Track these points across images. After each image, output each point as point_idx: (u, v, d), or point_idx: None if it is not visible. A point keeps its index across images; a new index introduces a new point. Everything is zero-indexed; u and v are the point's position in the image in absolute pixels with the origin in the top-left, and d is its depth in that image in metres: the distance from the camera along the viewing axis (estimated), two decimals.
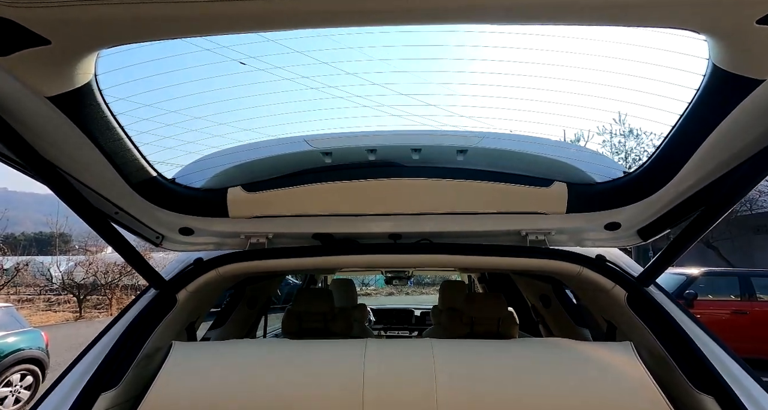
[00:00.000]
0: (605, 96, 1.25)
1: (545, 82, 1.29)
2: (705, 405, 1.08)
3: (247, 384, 1.12)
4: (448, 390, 1.10)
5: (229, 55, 1.25)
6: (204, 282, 1.46)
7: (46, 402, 1.16)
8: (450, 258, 1.48)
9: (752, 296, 7.10)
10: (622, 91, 1.22)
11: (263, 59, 1.33)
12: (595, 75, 1.22)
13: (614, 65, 1.14)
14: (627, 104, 1.27)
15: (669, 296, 1.37)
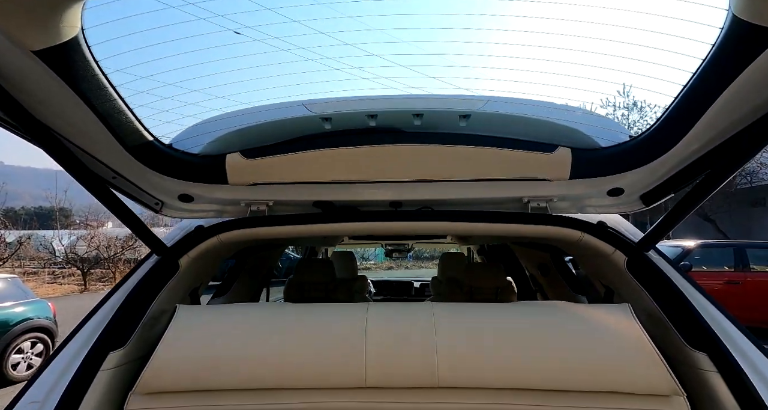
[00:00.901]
0: (610, 67, 1.22)
1: (549, 54, 1.25)
2: (699, 361, 1.11)
3: (250, 344, 1.14)
4: (449, 349, 1.13)
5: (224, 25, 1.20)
6: (205, 249, 1.47)
7: (58, 359, 1.20)
8: (451, 225, 1.48)
9: (746, 267, 7.24)
10: (628, 61, 1.19)
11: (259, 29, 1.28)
12: (600, 44, 1.18)
13: (620, 34, 1.10)
14: (632, 74, 1.24)
15: (668, 260, 1.39)
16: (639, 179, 1.35)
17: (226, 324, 1.20)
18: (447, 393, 1.15)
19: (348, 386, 1.14)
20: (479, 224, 1.46)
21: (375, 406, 1.15)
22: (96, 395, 1.10)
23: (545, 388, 1.11)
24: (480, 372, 1.12)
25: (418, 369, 1.13)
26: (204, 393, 1.15)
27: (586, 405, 1.11)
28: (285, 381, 1.13)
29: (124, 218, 1.26)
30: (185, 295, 1.56)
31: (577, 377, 1.09)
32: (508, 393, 1.13)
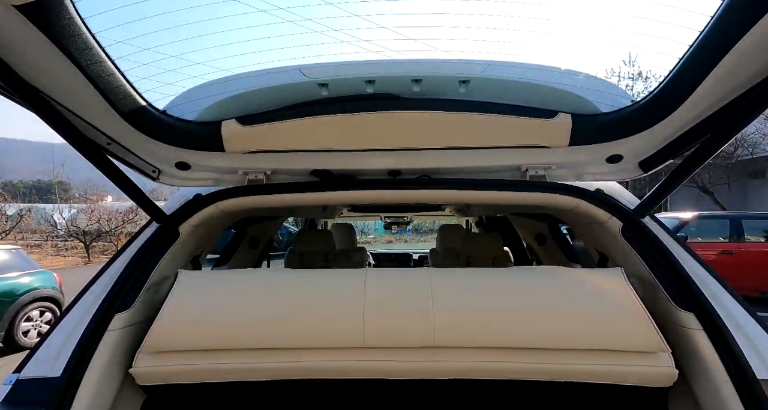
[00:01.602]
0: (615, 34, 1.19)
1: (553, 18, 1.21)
2: (686, 320, 1.15)
3: (251, 306, 1.18)
4: (444, 310, 1.17)
5: None
6: (205, 217, 1.48)
7: (66, 321, 1.24)
8: (449, 193, 1.49)
9: (741, 237, 7.34)
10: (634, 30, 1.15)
11: None
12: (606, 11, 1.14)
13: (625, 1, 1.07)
14: (638, 43, 1.21)
15: (663, 225, 1.41)
16: (639, 144, 1.34)
17: (227, 287, 1.23)
18: (442, 352, 1.20)
19: (347, 346, 1.18)
20: (477, 193, 1.47)
21: (373, 365, 1.20)
22: (105, 353, 1.15)
23: (537, 347, 1.16)
24: (475, 332, 1.16)
25: (414, 330, 1.17)
26: (208, 352, 1.20)
27: (575, 361, 1.16)
28: (285, 342, 1.18)
29: (122, 185, 1.26)
30: (187, 262, 1.58)
31: (568, 336, 1.13)
32: (502, 351, 1.18)
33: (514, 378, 1.20)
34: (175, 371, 1.19)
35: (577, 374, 1.17)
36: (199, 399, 1.32)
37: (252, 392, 1.28)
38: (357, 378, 1.23)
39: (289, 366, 1.20)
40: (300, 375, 1.22)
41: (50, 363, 1.16)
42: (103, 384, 1.13)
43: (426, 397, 1.32)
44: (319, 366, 1.20)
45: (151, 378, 1.21)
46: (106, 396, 1.15)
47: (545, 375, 1.19)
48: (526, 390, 1.24)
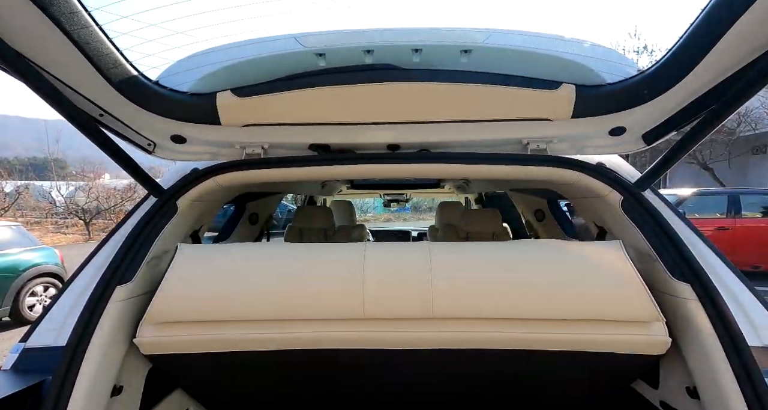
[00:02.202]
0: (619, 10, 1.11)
1: None
2: (681, 291, 1.17)
3: (251, 279, 1.19)
4: (443, 282, 1.18)
5: None
6: (203, 191, 1.47)
7: (68, 293, 1.26)
8: (449, 167, 1.47)
9: (737, 213, 7.39)
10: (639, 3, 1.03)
11: None
12: None
13: None
14: (643, 14, 1.08)
15: (662, 198, 1.40)
16: (643, 116, 1.32)
17: (227, 260, 1.23)
18: (441, 322, 1.22)
19: (347, 317, 1.20)
20: (477, 167, 1.46)
21: (372, 335, 1.22)
22: (108, 324, 1.17)
23: (535, 318, 1.18)
24: (473, 303, 1.18)
25: (413, 302, 1.19)
26: (210, 323, 1.22)
27: (571, 331, 1.19)
28: (285, 313, 1.19)
29: (117, 158, 1.24)
30: (186, 236, 1.59)
31: (565, 306, 1.15)
32: (500, 322, 1.20)
33: (511, 348, 1.23)
34: (178, 341, 1.22)
35: (572, 343, 1.20)
36: (202, 368, 1.35)
37: (255, 361, 1.31)
38: (357, 348, 1.26)
39: (290, 336, 1.22)
40: (300, 346, 1.25)
41: (54, 334, 1.19)
42: (107, 352, 1.16)
43: (425, 365, 1.36)
44: (320, 336, 1.23)
45: (155, 348, 1.24)
46: (111, 364, 1.18)
47: (542, 345, 1.21)
48: (522, 358, 1.27)
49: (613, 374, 1.39)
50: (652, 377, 1.38)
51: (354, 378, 1.50)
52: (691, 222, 1.37)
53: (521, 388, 1.53)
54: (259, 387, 1.56)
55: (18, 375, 1.10)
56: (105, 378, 1.16)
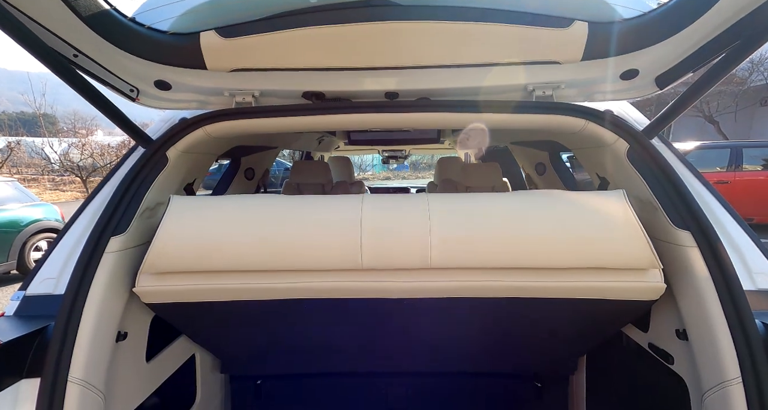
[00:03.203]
0: None
1: None
2: (681, 239, 1.17)
3: (246, 231, 1.18)
4: (442, 233, 1.17)
5: None
6: (192, 142, 1.42)
7: (63, 243, 1.26)
8: (449, 116, 1.41)
9: (738, 167, 7.36)
10: None
11: None
12: None
13: None
14: None
15: (670, 146, 1.36)
16: (658, 57, 1.23)
17: (221, 211, 1.22)
18: (439, 272, 1.23)
19: (344, 268, 1.21)
20: (480, 115, 1.39)
21: (370, 285, 1.24)
22: (105, 273, 1.18)
23: (534, 266, 1.19)
24: (472, 253, 1.18)
25: (411, 253, 1.18)
26: (207, 273, 1.23)
27: (569, 279, 1.20)
28: (281, 264, 1.19)
29: (98, 104, 1.17)
30: (179, 189, 1.56)
31: (564, 255, 1.15)
32: (498, 271, 1.21)
33: (509, 296, 1.25)
34: (176, 291, 1.23)
35: (569, 291, 1.22)
36: (202, 317, 1.39)
37: (254, 311, 1.33)
38: (355, 298, 1.28)
39: (288, 286, 1.23)
40: (299, 296, 1.26)
41: (53, 283, 1.20)
42: (107, 301, 1.18)
43: (423, 314, 1.39)
44: (318, 286, 1.24)
45: (155, 298, 1.26)
46: (113, 311, 1.20)
47: (539, 293, 1.23)
48: (520, 306, 1.30)
49: (607, 320, 1.43)
50: (643, 321, 1.43)
51: (353, 327, 1.54)
52: (697, 170, 1.34)
53: (516, 334, 1.59)
54: (259, 335, 1.61)
55: (22, 321, 1.13)
56: (108, 325, 1.18)
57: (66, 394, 1.05)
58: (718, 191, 1.30)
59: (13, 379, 1.03)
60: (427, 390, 2.05)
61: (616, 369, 1.66)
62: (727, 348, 1.04)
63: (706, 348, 1.10)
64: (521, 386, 2.00)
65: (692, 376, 1.17)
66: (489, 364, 1.84)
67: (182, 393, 1.72)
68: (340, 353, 1.80)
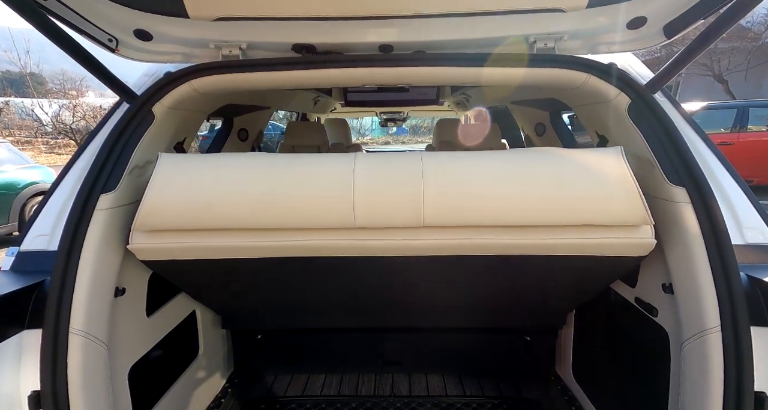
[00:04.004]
0: None
1: None
2: (676, 195, 1.16)
3: (237, 189, 1.17)
4: (435, 192, 1.16)
5: None
6: (179, 98, 1.36)
7: (53, 200, 1.25)
8: (447, 71, 1.35)
9: (743, 127, 7.21)
10: None
11: None
12: None
13: None
14: None
15: (673, 101, 1.32)
16: (667, 2, 1.16)
17: (211, 169, 1.20)
18: (432, 231, 1.23)
19: (337, 227, 1.21)
20: (478, 69, 1.33)
21: (363, 243, 1.24)
22: (97, 230, 1.18)
23: (527, 224, 1.19)
24: (465, 211, 1.17)
25: (404, 212, 1.18)
26: (200, 231, 1.23)
27: (561, 236, 1.20)
28: (273, 222, 1.19)
29: (75, 54, 1.11)
30: (169, 148, 1.53)
31: (557, 213, 1.15)
32: (491, 229, 1.21)
33: (501, 254, 1.26)
34: (171, 248, 1.24)
35: (561, 248, 1.23)
36: (198, 274, 1.41)
37: (248, 268, 1.35)
38: (348, 256, 1.29)
39: (280, 244, 1.24)
40: (292, 254, 1.27)
41: (46, 239, 1.21)
42: (102, 257, 1.19)
43: (416, 272, 1.41)
44: (310, 245, 1.25)
45: (150, 255, 1.27)
46: (109, 267, 1.22)
47: (531, 250, 1.24)
48: (511, 263, 1.31)
49: (597, 276, 1.45)
50: (631, 276, 1.46)
51: (348, 285, 1.57)
52: (698, 126, 1.30)
53: (508, 291, 1.63)
54: (256, 293, 1.65)
55: (18, 275, 1.15)
56: (104, 280, 1.20)
57: (69, 344, 1.09)
58: (718, 148, 1.27)
59: (15, 330, 1.06)
60: (419, 345, 2.14)
61: (602, 322, 1.72)
62: (710, 300, 1.06)
63: (689, 299, 1.13)
64: (511, 340, 2.09)
65: (674, 327, 1.21)
66: (481, 320, 1.91)
67: (185, 347, 1.79)
68: (337, 309, 1.85)
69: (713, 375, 1.04)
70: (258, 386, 2.09)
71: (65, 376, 1.08)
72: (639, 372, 1.46)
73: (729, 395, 1.01)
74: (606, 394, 1.72)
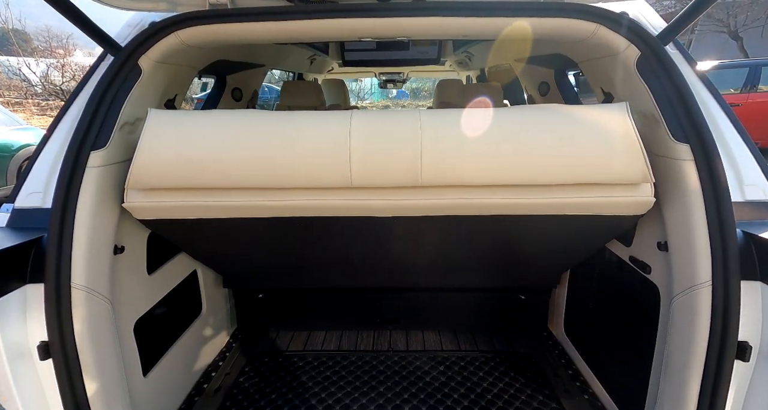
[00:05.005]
0: None
1: None
2: (679, 152, 1.14)
3: (230, 146, 1.14)
4: (433, 151, 1.13)
5: None
6: (166, 50, 1.30)
7: (43, 157, 1.23)
8: (447, 21, 1.27)
9: (753, 87, 6.98)
10: None
11: None
12: None
13: None
14: None
15: (684, 53, 1.26)
16: None
17: (204, 126, 1.16)
18: (429, 190, 1.22)
19: (333, 186, 1.19)
20: (480, 19, 1.26)
21: (359, 203, 1.24)
22: (90, 188, 1.17)
23: (526, 183, 1.17)
24: (463, 170, 1.15)
25: (401, 171, 1.16)
26: (195, 190, 1.22)
27: (561, 195, 1.19)
28: (268, 181, 1.18)
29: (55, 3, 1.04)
30: (160, 105, 1.48)
31: (557, 171, 1.13)
32: (489, 189, 1.20)
33: (499, 214, 1.25)
34: (166, 207, 1.24)
35: (559, 207, 1.22)
36: (195, 234, 1.41)
37: (244, 228, 1.35)
38: (345, 216, 1.28)
39: (277, 204, 1.23)
40: (289, 213, 1.27)
41: (40, 197, 1.21)
42: (98, 214, 1.19)
43: (413, 232, 1.42)
44: (307, 204, 1.24)
45: (146, 213, 1.27)
46: (105, 225, 1.22)
47: (530, 210, 1.24)
48: (509, 223, 1.31)
49: (594, 236, 1.46)
50: (627, 236, 1.47)
51: (346, 244, 1.59)
52: (709, 81, 1.25)
53: (504, 251, 1.64)
54: (255, 253, 1.67)
55: (15, 232, 1.15)
56: (102, 237, 1.21)
57: (72, 299, 1.11)
58: (727, 104, 1.23)
59: (17, 284, 1.08)
60: (417, 304, 2.21)
61: (596, 281, 1.76)
62: (704, 256, 1.07)
63: (683, 256, 1.14)
64: (506, 299, 2.14)
65: (666, 283, 1.23)
66: (476, 280, 1.95)
67: (188, 305, 1.84)
68: (336, 269, 1.88)
69: (699, 327, 1.07)
70: (261, 342, 2.17)
71: (71, 328, 1.11)
72: (628, 326, 1.51)
73: (713, 345, 1.05)
74: (594, 348, 1.80)
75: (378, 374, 1.91)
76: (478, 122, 1.16)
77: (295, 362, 2.01)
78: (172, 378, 1.64)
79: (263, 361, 2.02)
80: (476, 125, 1.15)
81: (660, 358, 1.25)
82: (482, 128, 1.14)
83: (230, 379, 1.87)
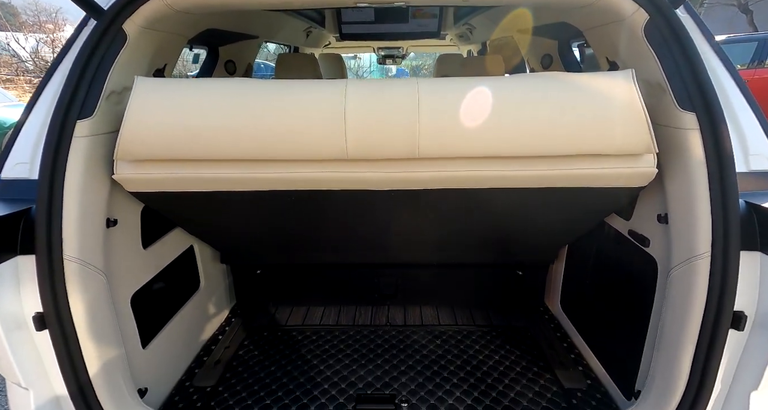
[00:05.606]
0: None
1: None
2: (684, 121, 1.10)
3: (222, 116, 1.10)
4: (431, 122, 1.09)
5: None
6: (153, 16, 1.24)
7: (28, 126, 1.20)
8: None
9: (761, 63, 6.81)
10: None
11: None
12: None
13: None
14: None
15: (695, 17, 1.20)
16: None
17: (194, 94, 1.12)
18: (427, 162, 1.19)
19: (328, 158, 1.16)
20: None
21: (355, 175, 1.21)
22: (79, 158, 1.14)
23: (527, 155, 1.14)
24: (463, 142, 1.12)
25: (398, 142, 1.12)
26: (188, 161, 1.19)
27: (562, 167, 1.17)
28: (263, 153, 1.14)
29: None
30: (148, 74, 1.43)
31: (559, 142, 1.10)
32: (488, 160, 1.17)
33: (498, 187, 1.23)
34: (157, 179, 1.21)
35: (559, 179, 1.19)
36: (188, 207, 1.39)
37: (239, 201, 1.33)
38: (341, 190, 1.26)
39: (271, 176, 1.21)
40: (284, 186, 1.24)
41: (27, 167, 1.18)
42: (88, 186, 1.16)
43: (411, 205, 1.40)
44: (302, 177, 1.21)
45: (137, 186, 1.24)
46: (96, 197, 1.20)
47: (530, 183, 1.21)
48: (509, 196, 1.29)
49: (594, 209, 1.44)
50: (627, 210, 1.45)
51: (343, 219, 1.57)
52: (719, 46, 1.20)
53: (503, 225, 1.63)
54: (251, 227, 1.65)
55: (3, 203, 1.13)
56: (93, 209, 1.19)
57: (65, 270, 1.10)
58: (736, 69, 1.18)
59: (8, 255, 1.06)
60: (415, 279, 2.21)
61: (593, 256, 1.75)
62: (704, 227, 1.05)
63: (683, 228, 1.12)
64: (503, 274, 2.15)
65: (664, 255, 1.22)
66: (474, 256, 1.95)
67: (186, 280, 1.84)
68: (332, 245, 1.87)
69: (696, 297, 1.07)
70: (260, 317, 2.19)
71: (66, 300, 1.11)
72: (625, 300, 1.51)
73: (708, 315, 1.05)
74: (590, 321, 1.81)
75: (376, 347, 1.93)
76: (477, 91, 1.11)
77: (294, 336, 2.03)
78: (171, 350, 1.66)
79: (262, 335, 2.05)
80: (476, 95, 1.11)
81: (654, 330, 1.26)
82: (482, 98, 1.10)
83: (230, 352, 1.89)
